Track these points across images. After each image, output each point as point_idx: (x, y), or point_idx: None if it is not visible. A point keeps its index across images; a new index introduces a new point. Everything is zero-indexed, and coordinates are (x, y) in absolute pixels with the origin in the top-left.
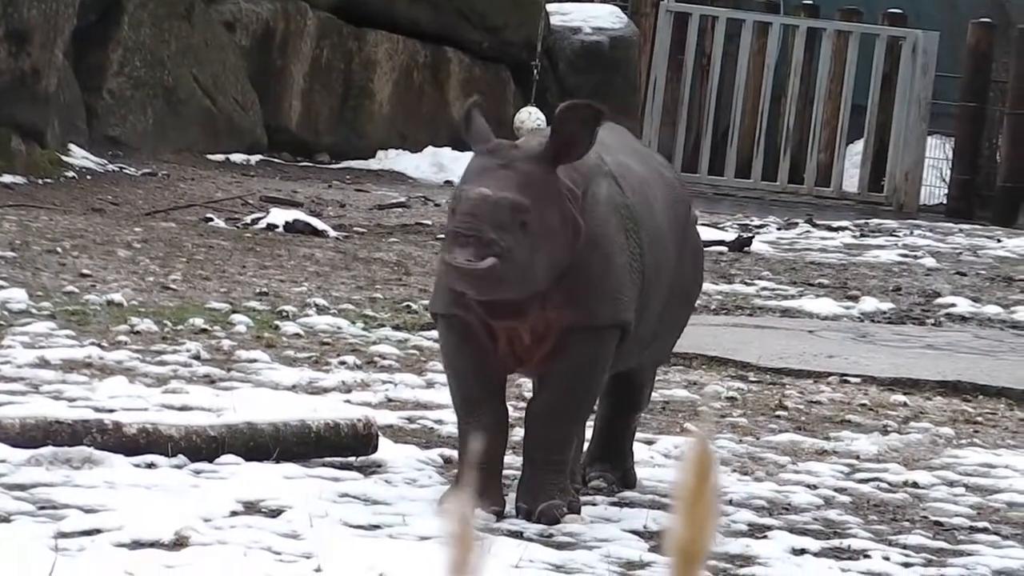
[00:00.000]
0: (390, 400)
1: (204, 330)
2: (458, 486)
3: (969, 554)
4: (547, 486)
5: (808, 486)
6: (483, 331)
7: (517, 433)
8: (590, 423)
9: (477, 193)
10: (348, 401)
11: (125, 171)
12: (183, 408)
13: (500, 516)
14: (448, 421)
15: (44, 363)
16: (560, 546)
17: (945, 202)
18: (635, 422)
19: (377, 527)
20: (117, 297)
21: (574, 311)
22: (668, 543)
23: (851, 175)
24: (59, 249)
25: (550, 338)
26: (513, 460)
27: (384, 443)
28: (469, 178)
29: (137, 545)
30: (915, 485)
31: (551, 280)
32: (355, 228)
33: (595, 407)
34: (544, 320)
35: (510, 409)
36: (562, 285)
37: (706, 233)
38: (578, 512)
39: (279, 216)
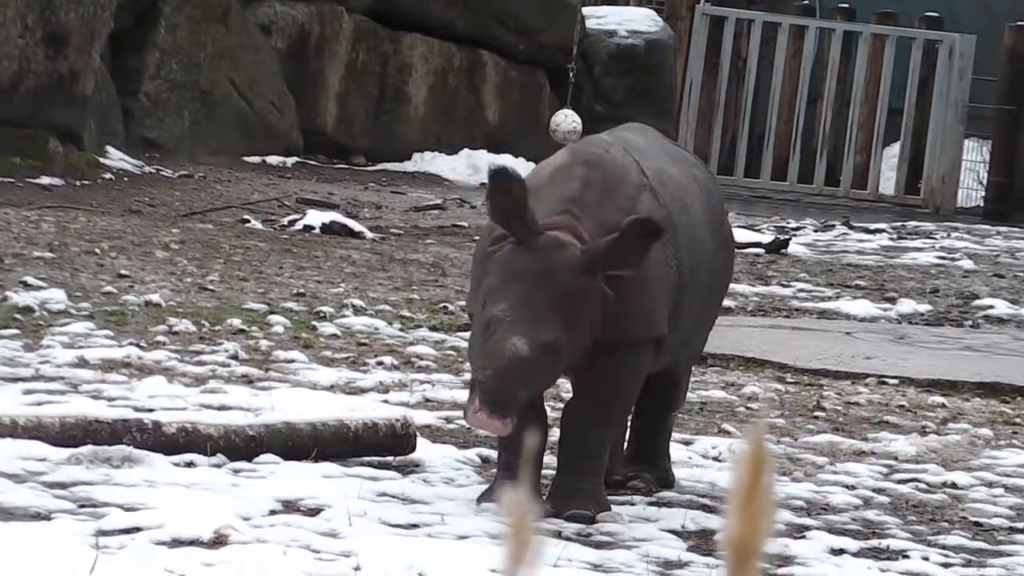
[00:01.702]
0: (427, 400)
1: (242, 330)
2: (505, 480)
3: (1009, 555)
4: (578, 492)
5: (846, 486)
6: None
7: (555, 433)
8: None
9: (512, 352)
10: (386, 401)
11: (162, 173)
12: (222, 408)
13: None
14: None
15: (83, 363)
16: (598, 545)
17: (982, 205)
18: (672, 421)
19: (416, 526)
20: (155, 298)
21: (609, 328)
22: (723, 540)
23: (888, 178)
24: (97, 250)
25: (585, 350)
26: (551, 460)
27: (422, 443)
28: (507, 281)
29: (177, 543)
30: (954, 486)
31: None
32: (391, 230)
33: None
34: None
35: (548, 409)
36: None
37: (743, 235)
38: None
39: (316, 218)
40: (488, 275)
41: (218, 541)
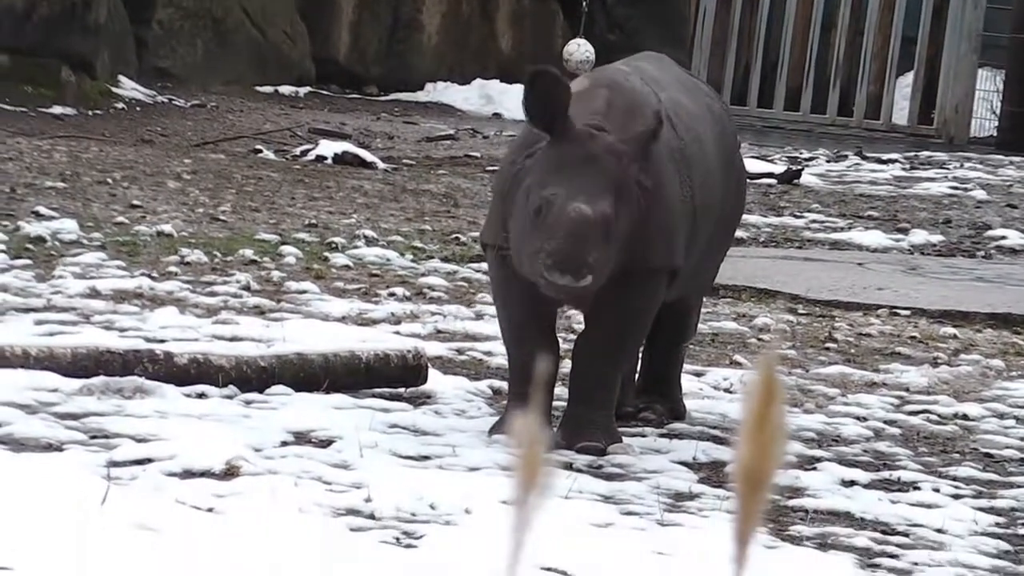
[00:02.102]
0: (439, 331)
1: (254, 261)
2: (516, 409)
3: (1019, 486)
4: (589, 423)
5: (857, 418)
6: None
7: (566, 365)
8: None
9: (578, 213)
10: (397, 332)
11: (174, 102)
12: (233, 338)
13: (548, 447)
14: (497, 353)
15: (95, 293)
16: (609, 477)
17: (995, 134)
18: (683, 352)
19: (427, 458)
20: (167, 228)
21: (629, 257)
22: (733, 469)
23: (901, 107)
24: (109, 180)
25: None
26: (562, 391)
27: (433, 374)
28: (550, 171)
29: (188, 474)
30: (965, 417)
31: None
32: (404, 160)
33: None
34: None
35: (560, 341)
36: None
37: (755, 166)
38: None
39: (328, 148)
40: (526, 179)
41: (229, 472)
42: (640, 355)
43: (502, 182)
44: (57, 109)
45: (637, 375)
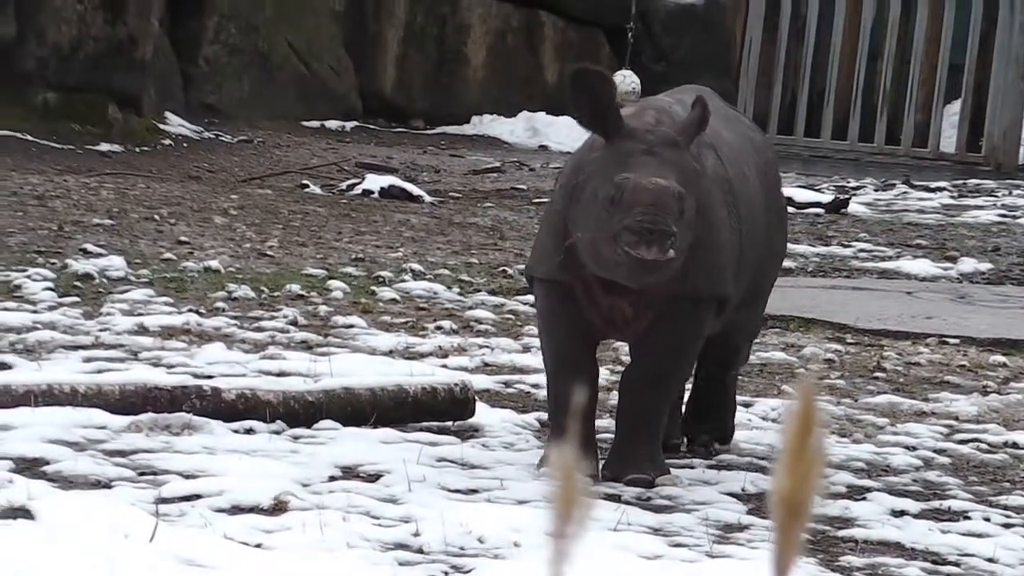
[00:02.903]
0: (486, 364)
1: (301, 296)
2: (558, 441)
3: None
4: (637, 456)
5: (907, 447)
6: (585, 300)
7: (613, 397)
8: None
9: (655, 184)
10: (445, 366)
11: (221, 138)
12: (281, 374)
13: (593, 479)
14: (545, 385)
15: (143, 330)
16: (658, 509)
17: None
18: (731, 380)
19: (475, 491)
20: (214, 264)
21: (677, 283)
22: (772, 496)
23: (948, 135)
24: (156, 216)
25: (652, 310)
26: (608, 424)
27: (481, 407)
28: (614, 165)
29: (236, 510)
30: (1015, 446)
31: None
32: (450, 193)
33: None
34: (648, 292)
35: (607, 373)
36: None
37: (803, 195)
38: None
39: (374, 182)
40: (587, 187)
41: (278, 508)
42: (691, 383)
43: (556, 212)
44: (104, 146)
45: (687, 403)
